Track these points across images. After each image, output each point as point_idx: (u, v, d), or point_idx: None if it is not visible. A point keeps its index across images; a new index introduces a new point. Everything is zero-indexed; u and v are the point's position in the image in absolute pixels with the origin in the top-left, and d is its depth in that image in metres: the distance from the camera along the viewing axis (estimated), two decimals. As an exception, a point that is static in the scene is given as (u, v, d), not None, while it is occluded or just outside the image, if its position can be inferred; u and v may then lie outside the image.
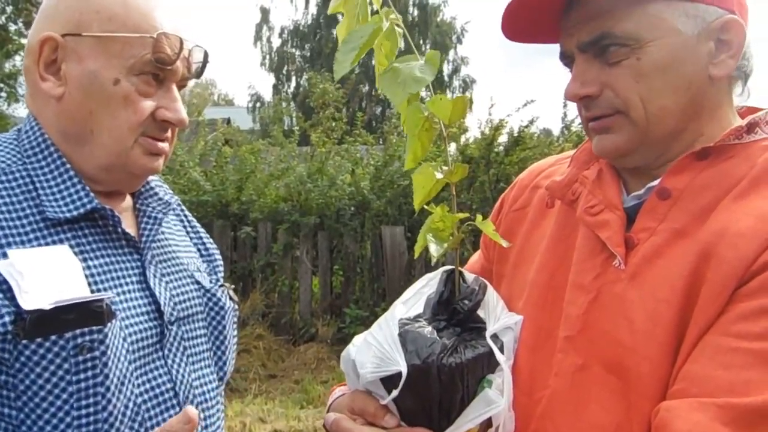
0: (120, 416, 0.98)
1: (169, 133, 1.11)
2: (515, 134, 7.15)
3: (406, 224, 6.66)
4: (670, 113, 0.95)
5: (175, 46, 1.06)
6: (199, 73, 1.15)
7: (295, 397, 5.42)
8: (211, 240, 1.35)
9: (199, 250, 1.29)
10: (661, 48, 0.93)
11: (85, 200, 1.04)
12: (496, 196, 6.54)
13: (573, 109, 8.35)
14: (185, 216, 1.32)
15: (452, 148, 7.05)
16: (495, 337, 0.98)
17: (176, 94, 1.10)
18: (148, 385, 1.04)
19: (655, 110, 0.94)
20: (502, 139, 7.21)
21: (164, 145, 1.11)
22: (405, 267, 6.50)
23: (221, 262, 1.34)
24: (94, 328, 0.95)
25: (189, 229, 1.31)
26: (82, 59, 1.03)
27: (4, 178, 1.02)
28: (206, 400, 1.14)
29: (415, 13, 25.70)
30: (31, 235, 0.99)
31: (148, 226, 1.13)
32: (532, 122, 7.33)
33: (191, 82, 1.17)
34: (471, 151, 6.91)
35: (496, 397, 0.94)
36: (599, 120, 0.98)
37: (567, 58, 1.02)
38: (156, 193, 1.20)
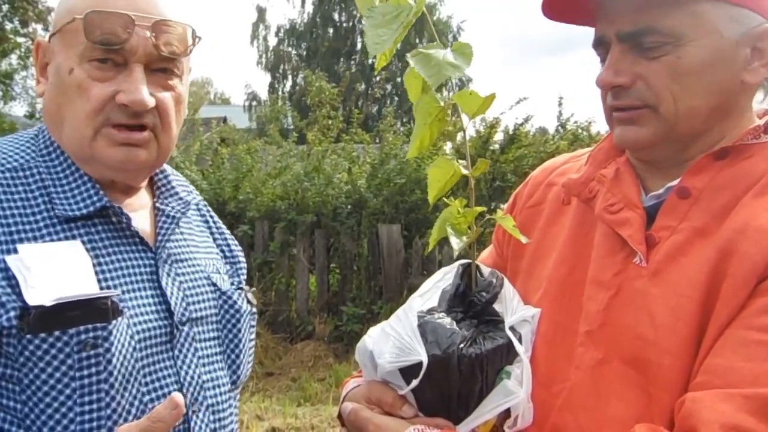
0: (125, 413, 0.98)
1: (149, 120, 1.05)
2: (510, 132, 7.16)
3: (403, 222, 6.66)
4: (699, 114, 0.96)
5: (122, 25, 1.00)
6: (182, 52, 1.06)
7: (292, 394, 5.43)
8: (236, 242, 1.33)
9: (222, 251, 1.28)
10: (701, 48, 0.93)
11: (95, 198, 1.04)
12: (492, 194, 6.59)
13: (568, 107, 8.39)
14: (211, 216, 1.30)
15: (448, 146, 7.05)
16: (513, 329, 0.99)
17: (138, 76, 1.02)
18: (156, 384, 1.04)
19: (685, 109, 0.95)
20: (498, 137, 7.23)
21: (138, 135, 1.04)
22: (402, 265, 6.49)
23: (244, 264, 1.32)
24: (99, 325, 0.95)
25: (214, 229, 1.30)
26: (55, 56, 1.06)
27: (21, 173, 1.03)
28: (218, 403, 1.13)
29: (410, 11, 25.60)
30: (44, 231, 0.99)
31: (165, 225, 1.13)
32: (527, 120, 7.35)
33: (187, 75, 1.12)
34: (467, 149, 6.88)
35: (515, 388, 0.95)
36: (626, 111, 0.99)
37: (602, 45, 1.01)
38: (176, 192, 1.19)
